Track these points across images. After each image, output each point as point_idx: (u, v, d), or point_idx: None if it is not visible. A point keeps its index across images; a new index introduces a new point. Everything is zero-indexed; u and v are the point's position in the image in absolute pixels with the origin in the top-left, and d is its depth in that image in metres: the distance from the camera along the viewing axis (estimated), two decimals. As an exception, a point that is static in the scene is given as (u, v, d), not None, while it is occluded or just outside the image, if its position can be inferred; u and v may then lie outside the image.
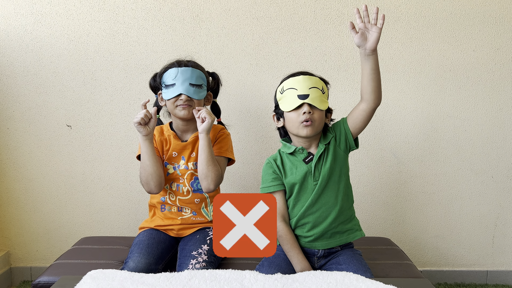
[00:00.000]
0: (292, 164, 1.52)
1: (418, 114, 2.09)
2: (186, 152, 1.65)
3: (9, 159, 2.07)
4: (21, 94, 2.02)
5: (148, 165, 1.57)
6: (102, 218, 2.12)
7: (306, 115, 1.44)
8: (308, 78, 1.48)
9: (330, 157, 1.49)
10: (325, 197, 1.49)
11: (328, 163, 1.49)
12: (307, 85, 1.46)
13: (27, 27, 1.98)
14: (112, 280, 1.16)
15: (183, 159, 1.65)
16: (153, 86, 1.70)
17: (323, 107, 1.47)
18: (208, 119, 1.54)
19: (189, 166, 1.65)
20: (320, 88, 1.48)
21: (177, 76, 1.57)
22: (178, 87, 1.57)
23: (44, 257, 2.14)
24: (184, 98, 1.57)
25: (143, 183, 1.60)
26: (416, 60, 2.05)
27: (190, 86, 1.58)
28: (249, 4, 1.99)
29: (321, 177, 1.48)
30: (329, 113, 1.55)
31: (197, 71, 1.61)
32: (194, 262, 1.46)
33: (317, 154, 1.49)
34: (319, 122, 1.47)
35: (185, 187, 1.64)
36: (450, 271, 2.21)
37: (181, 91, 1.57)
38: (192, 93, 1.58)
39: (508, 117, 2.11)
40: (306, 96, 1.45)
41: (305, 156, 1.50)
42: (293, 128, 1.48)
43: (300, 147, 1.51)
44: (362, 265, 1.44)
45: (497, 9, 2.03)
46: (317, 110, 1.46)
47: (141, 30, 2.00)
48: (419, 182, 2.14)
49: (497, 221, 2.18)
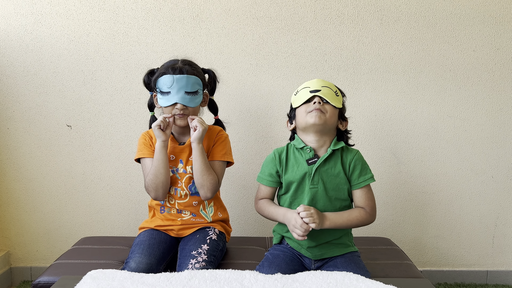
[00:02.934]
0: (295, 161, 1.51)
1: (418, 114, 2.09)
2: (184, 155, 1.64)
3: (9, 159, 2.07)
4: (21, 94, 2.02)
5: (162, 173, 1.56)
6: (102, 218, 2.12)
7: (316, 104, 1.44)
8: (322, 80, 1.52)
9: (334, 169, 1.48)
10: (320, 204, 1.47)
11: (331, 173, 1.48)
12: (320, 84, 1.49)
13: (27, 27, 1.98)
14: (112, 280, 1.16)
15: (181, 162, 1.64)
16: (147, 83, 1.68)
17: (335, 103, 1.47)
18: (200, 127, 1.53)
19: (187, 170, 1.63)
20: (333, 90, 1.50)
21: (172, 84, 1.55)
22: (173, 95, 1.56)
23: (44, 257, 2.15)
24: (180, 107, 1.56)
25: (151, 189, 1.59)
26: (416, 60, 2.05)
27: (185, 94, 1.56)
28: (249, 4, 1.99)
29: (319, 183, 1.47)
30: (344, 120, 1.55)
31: (192, 77, 1.58)
32: (193, 262, 1.45)
33: (322, 157, 1.47)
34: (330, 116, 1.45)
35: (183, 190, 1.63)
36: (450, 271, 2.21)
37: (176, 100, 1.56)
38: (188, 101, 1.57)
39: (508, 117, 2.11)
40: (317, 90, 1.47)
41: (310, 157, 1.48)
42: (302, 119, 1.47)
43: (309, 146, 1.49)
44: (360, 268, 1.43)
45: (497, 9, 2.03)
46: (328, 105, 1.46)
47: (141, 30, 2.00)
48: (419, 182, 2.14)
49: (497, 221, 2.19)
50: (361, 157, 1.52)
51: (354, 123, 2.02)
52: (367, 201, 1.49)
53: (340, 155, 1.50)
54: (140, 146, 1.67)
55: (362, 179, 1.48)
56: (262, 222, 2.14)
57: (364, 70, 2.05)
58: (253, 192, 2.11)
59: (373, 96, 2.07)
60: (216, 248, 1.58)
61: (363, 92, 2.06)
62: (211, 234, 1.62)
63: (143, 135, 1.69)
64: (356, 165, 1.49)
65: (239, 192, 2.12)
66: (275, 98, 2.05)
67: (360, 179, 1.48)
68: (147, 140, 1.67)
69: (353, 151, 1.52)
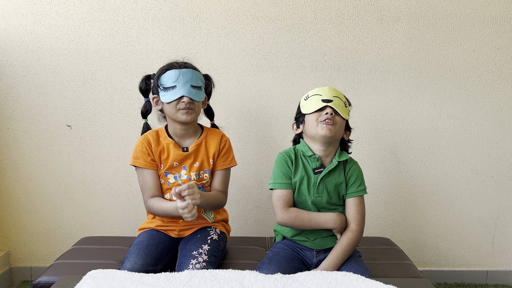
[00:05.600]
0: (303, 167, 1.53)
1: (418, 114, 2.09)
2: (188, 161, 1.62)
3: (9, 159, 2.07)
4: (21, 94, 2.02)
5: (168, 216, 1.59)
6: (102, 218, 2.12)
7: (328, 115, 1.45)
8: (333, 89, 1.53)
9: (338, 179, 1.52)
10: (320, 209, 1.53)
11: (334, 183, 1.51)
12: (332, 93, 1.50)
13: (27, 27, 1.98)
14: (112, 280, 1.16)
15: (184, 169, 1.62)
16: (144, 89, 1.65)
17: (345, 115, 1.50)
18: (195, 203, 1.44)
19: (192, 177, 1.62)
20: (343, 101, 1.52)
21: (178, 78, 1.54)
22: (179, 89, 1.54)
23: (44, 257, 2.15)
24: (187, 100, 1.54)
25: (150, 212, 1.63)
26: (416, 60, 2.05)
27: (191, 88, 1.55)
28: (249, 4, 1.99)
29: (324, 192, 1.51)
30: (348, 130, 1.58)
31: (196, 72, 1.59)
32: (194, 262, 1.45)
33: (328, 168, 1.51)
34: (339, 128, 1.48)
35: None
36: (450, 271, 2.21)
37: (183, 93, 1.53)
38: (194, 95, 1.56)
39: (508, 117, 2.11)
40: (330, 101, 1.48)
41: (317, 166, 1.51)
42: (312, 127, 1.48)
43: (316, 156, 1.51)
44: (361, 267, 1.45)
45: (497, 9, 2.03)
46: (339, 117, 1.48)
47: (141, 30, 2.00)
48: (419, 182, 2.14)
49: (497, 221, 2.19)
50: (359, 168, 1.56)
51: (354, 123, 2.02)
52: (357, 215, 1.50)
53: (343, 166, 1.54)
54: (137, 153, 1.63)
55: (356, 190, 1.52)
56: (262, 222, 2.14)
57: (364, 70, 2.05)
58: (253, 192, 2.11)
59: (373, 96, 2.07)
60: (217, 248, 1.58)
61: (363, 92, 2.06)
62: (212, 234, 1.61)
63: (141, 141, 1.63)
64: (353, 175, 1.53)
65: (239, 192, 2.12)
66: (275, 98, 2.05)
67: (353, 189, 1.52)
68: (145, 148, 1.61)
69: (352, 161, 1.57)
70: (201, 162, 1.63)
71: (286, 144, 2.02)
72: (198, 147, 1.63)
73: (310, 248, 1.54)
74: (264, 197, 2.11)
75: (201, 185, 1.64)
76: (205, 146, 1.65)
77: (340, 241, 1.47)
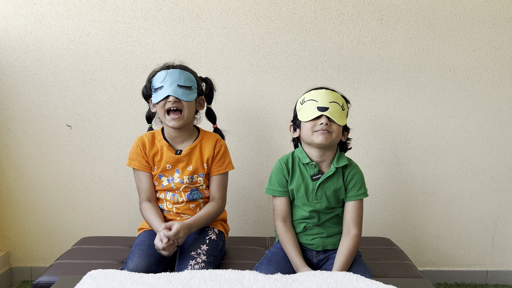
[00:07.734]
0: (301, 174, 1.53)
1: (418, 114, 2.09)
2: (181, 165, 1.62)
3: (9, 159, 2.07)
4: (21, 94, 2.02)
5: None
6: (102, 218, 2.12)
7: (323, 125, 1.44)
8: (330, 93, 1.50)
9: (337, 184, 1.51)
10: (320, 213, 1.52)
11: (333, 188, 1.51)
12: (328, 98, 1.47)
13: (27, 27, 1.98)
14: (112, 280, 1.16)
15: (177, 172, 1.62)
16: (145, 94, 1.67)
17: (341, 122, 1.48)
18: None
19: (184, 180, 1.61)
20: (340, 104, 1.49)
21: (165, 78, 1.54)
22: (166, 89, 1.54)
23: (44, 257, 2.15)
24: (172, 99, 1.53)
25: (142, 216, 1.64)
26: (416, 60, 2.05)
27: (178, 87, 1.54)
28: (249, 4, 1.99)
29: (323, 198, 1.51)
30: (346, 131, 1.57)
31: (185, 72, 1.57)
32: (193, 263, 1.45)
33: (325, 175, 1.50)
34: (335, 135, 1.47)
35: (181, 197, 1.63)
36: (450, 271, 2.21)
37: (169, 93, 1.53)
38: (181, 94, 1.54)
39: (508, 117, 2.11)
40: (325, 108, 1.45)
41: (315, 173, 1.51)
42: (308, 136, 1.48)
43: (314, 162, 1.51)
44: (362, 266, 1.45)
45: (497, 9, 2.03)
46: (335, 124, 1.47)
47: (141, 30, 2.00)
48: (419, 182, 2.14)
49: (497, 221, 2.18)
50: (358, 171, 1.55)
51: (354, 123, 2.02)
52: (357, 219, 1.51)
53: (342, 170, 1.53)
54: (132, 155, 1.65)
55: (356, 193, 1.51)
56: (262, 222, 2.14)
57: (364, 70, 2.05)
58: (253, 192, 2.11)
59: (373, 96, 2.07)
60: (216, 248, 1.58)
61: (363, 92, 2.06)
62: (211, 234, 1.61)
63: (136, 143, 1.65)
64: (352, 179, 1.52)
65: (239, 192, 2.12)
66: (275, 98, 2.05)
67: (353, 193, 1.52)
68: (140, 150, 1.63)
69: (352, 165, 1.55)
70: (195, 166, 1.62)
71: (286, 144, 2.02)
72: (192, 151, 1.62)
73: (310, 249, 1.54)
74: (264, 197, 2.11)
75: (195, 188, 1.64)
76: (199, 150, 1.64)
77: (347, 247, 1.45)
